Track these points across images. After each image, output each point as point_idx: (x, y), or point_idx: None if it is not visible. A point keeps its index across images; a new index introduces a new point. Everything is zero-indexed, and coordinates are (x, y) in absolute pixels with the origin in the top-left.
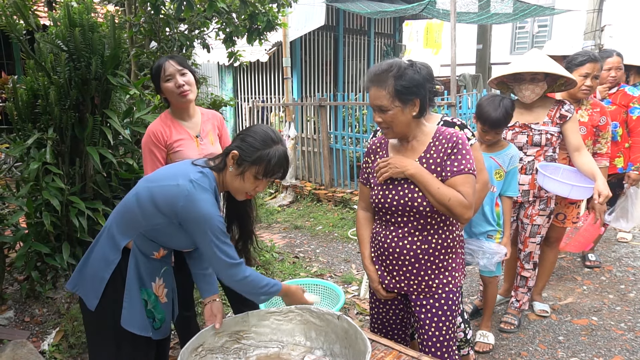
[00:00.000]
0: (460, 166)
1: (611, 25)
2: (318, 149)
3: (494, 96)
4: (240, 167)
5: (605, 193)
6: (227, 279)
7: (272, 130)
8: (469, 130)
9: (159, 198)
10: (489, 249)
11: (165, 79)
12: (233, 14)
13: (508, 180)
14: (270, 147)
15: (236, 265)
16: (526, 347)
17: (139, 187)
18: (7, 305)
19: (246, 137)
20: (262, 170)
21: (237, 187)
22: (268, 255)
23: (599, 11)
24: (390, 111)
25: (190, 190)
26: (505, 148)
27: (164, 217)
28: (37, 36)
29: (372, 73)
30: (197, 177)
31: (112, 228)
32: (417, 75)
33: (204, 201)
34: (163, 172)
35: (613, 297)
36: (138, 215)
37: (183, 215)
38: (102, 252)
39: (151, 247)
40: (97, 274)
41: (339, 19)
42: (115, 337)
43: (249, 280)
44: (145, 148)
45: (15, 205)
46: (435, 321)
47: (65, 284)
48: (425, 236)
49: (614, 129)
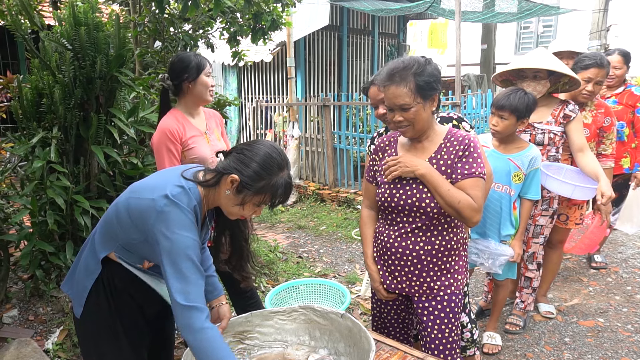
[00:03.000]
0: (471, 169)
1: (617, 25)
2: (322, 149)
3: (518, 89)
4: (240, 195)
5: (608, 194)
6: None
7: (277, 151)
8: (466, 123)
9: (134, 212)
10: (495, 250)
11: (207, 73)
12: (237, 13)
13: (528, 183)
14: (277, 175)
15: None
16: (532, 348)
17: (121, 197)
18: (11, 304)
19: (249, 161)
20: (266, 200)
21: (232, 212)
22: (272, 255)
23: (604, 11)
24: (412, 108)
25: (162, 208)
26: (524, 149)
27: (139, 233)
28: (42, 35)
29: (390, 71)
30: (175, 193)
31: (95, 237)
32: (435, 71)
33: (175, 222)
34: (146, 182)
35: (619, 299)
36: (116, 227)
37: (152, 235)
38: (86, 261)
39: (134, 258)
40: (80, 282)
41: (343, 19)
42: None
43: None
44: (161, 146)
45: (19, 204)
46: (438, 323)
47: None
48: (429, 237)
49: (620, 129)
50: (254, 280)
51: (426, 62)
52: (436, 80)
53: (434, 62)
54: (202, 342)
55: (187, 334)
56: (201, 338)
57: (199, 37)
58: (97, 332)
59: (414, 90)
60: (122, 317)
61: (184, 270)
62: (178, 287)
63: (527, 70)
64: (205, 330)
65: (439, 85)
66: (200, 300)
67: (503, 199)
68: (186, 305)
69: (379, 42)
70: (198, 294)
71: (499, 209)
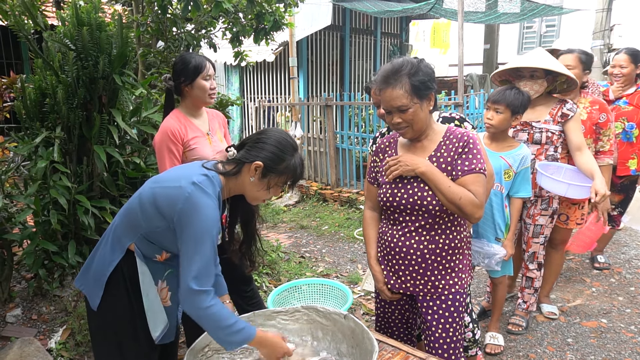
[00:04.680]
0: (471, 165)
1: (620, 25)
2: (324, 149)
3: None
4: (265, 179)
5: (602, 192)
6: (186, 304)
7: (287, 134)
8: (468, 124)
9: (160, 199)
10: (488, 250)
11: (206, 77)
12: (240, 13)
13: (519, 181)
14: (293, 156)
15: (202, 292)
16: (534, 349)
17: (144, 188)
18: (14, 303)
19: (268, 147)
20: (289, 179)
21: (258, 196)
22: (274, 255)
23: (608, 10)
24: (410, 109)
25: (191, 193)
26: (516, 148)
27: (163, 220)
28: (45, 35)
29: (384, 75)
30: (201, 180)
31: (117, 228)
32: (429, 69)
33: (203, 206)
34: (169, 174)
35: (623, 300)
36: (139, 217)
37: (179, 218)
38: (105, 252)
39: (152, 249)
40: (99, 273)
41: (346, 19)
42: (116, 337)
43: (211, 312)
44: (162, 146)
45: (23, 204)
46: (442, 322)
47: (72, 282)
48: (433, 236)
49: (629, 129)
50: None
51: (419, 62)
52: (431, 79)
53: (426, 61)
54: (208, 318)
55: (193, 313)
56: (206, 315)
57: (202, 37)
58: (116, 321)
59: (410, 91)
60: (140, 306)
61: (204, 251)
62: (194, 271)
63: (524, 70)
64: (211, 307)
65: (434, 84)
66: (210, 283)
67: (495, 197)
68: (197, 290)
69: (381, 42)
70: (210, 276)
71: (491, 207)
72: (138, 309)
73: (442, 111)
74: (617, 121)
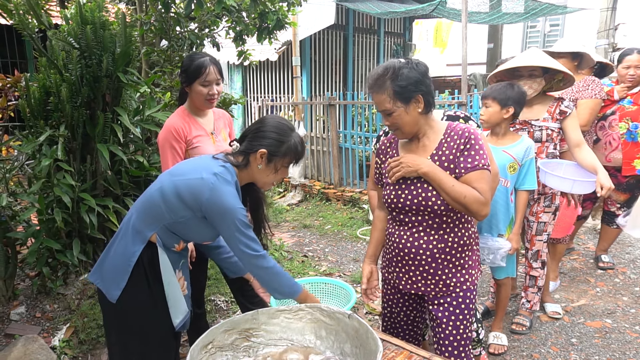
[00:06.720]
0: (475, 162)
1: (625, 24)
2: (327, 148)
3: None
4: (271, 163)
5: (607, 185)
6: (250, 268)
7: (281, 117)
8: (473, 122)
9: (184, 191)
10: (493, 245)
11: (204, 83)
12: (243, 12)
13: (524, 173)
14: (291, 136)
15: (260, 257)
16: (538, 349)
17: (163, 181)
18: (18, 301)
19: (268, 134)
20: (292, 158)
21: (268, 181)
22: (277, 254)
23: (612, 9)
24: (394, 113)
25: (214, 183)
26: (518, 141)
27: (188, 210)
28: (49, 34)
29: (371, 80)
30: (221, 171)
31: (135, 222)
32: (412, 73)
33: (228, 194)
34: (186, 166)
35: (627, 300)
36: (162, 209)
37: (207, 208)
38: (125, 245)
39: (172, 239)
40: (120, 265)
41: (349, 18)
42: (138, 327)
43: (271, 271)
44: (165, 143)
45: (27, 202)
46: (453, 320)
47: (76, 280)
48: (442, 235)
49: (634, 129)
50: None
51: (402, 66)
52: (415, 82)
53: (415, 63)
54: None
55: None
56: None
57: (205, 36)
58: (138, 311)
59: (392, 96)
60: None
61: (243, 230)
62: (244, 242)
63: (523, 69)
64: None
65: (421, 86)
66: (260, 249)
67: (499, 192)
68: (254, 255)
69: (384, 41)
70: (257, 244)
71: (496, 202)
72: (159, 298)
73: (446, 110)
74: (622, 121)
